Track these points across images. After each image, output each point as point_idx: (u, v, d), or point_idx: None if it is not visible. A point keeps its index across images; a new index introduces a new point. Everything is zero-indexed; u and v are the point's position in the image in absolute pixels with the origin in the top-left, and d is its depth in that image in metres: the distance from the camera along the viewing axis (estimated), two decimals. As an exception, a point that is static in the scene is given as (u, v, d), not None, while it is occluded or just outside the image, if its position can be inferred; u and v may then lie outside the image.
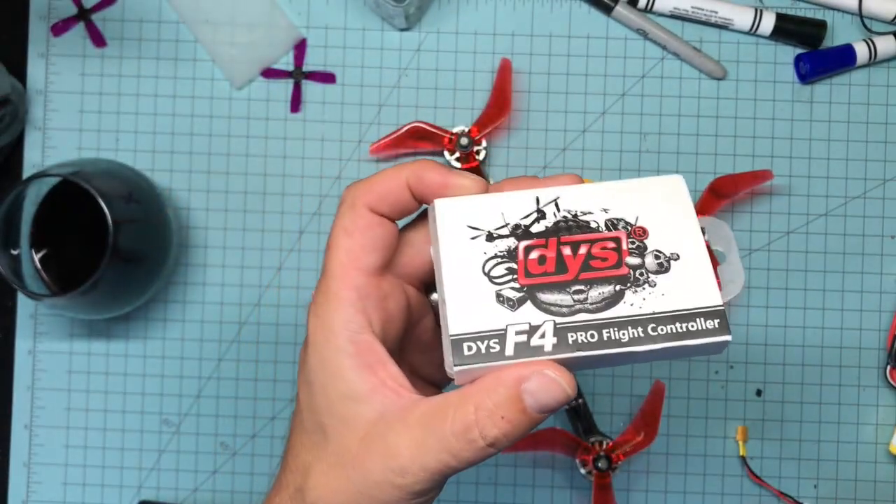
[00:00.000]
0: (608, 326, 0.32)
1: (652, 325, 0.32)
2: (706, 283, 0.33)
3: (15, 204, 0.55)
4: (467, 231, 0.34)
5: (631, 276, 0.33)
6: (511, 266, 0.33)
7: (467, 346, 0.32)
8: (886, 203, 0.63)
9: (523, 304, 0.32)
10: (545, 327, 0.32)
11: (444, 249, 0.33)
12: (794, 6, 0.63)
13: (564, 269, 0.33)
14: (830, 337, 0.62)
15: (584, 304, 0.32)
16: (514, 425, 0.31)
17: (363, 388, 0.33)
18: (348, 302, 0.34)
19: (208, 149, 0.63)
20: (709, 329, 0.32)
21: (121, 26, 0.63)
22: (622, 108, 0.63)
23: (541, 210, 0.34)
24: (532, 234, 0.33)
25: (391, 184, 0.35)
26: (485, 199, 0.35)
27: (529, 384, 0.31)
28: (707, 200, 0.61)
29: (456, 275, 0.33)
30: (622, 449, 0.59)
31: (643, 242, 0.33)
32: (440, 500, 0.62)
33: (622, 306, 0.32)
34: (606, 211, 0.34)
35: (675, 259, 0.33)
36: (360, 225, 0.35)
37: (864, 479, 0.62)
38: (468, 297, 0.33)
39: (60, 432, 0.63)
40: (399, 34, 0.63)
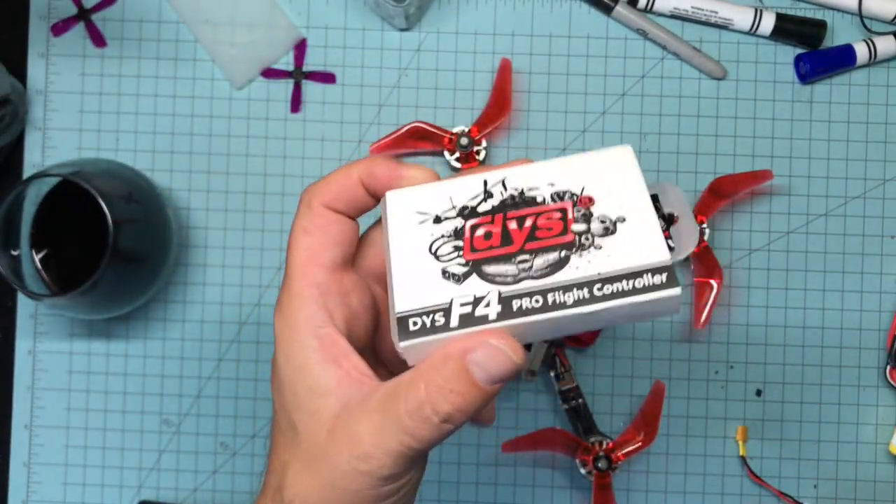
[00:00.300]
0: (553, 290, 0.32)
1: (598, 286, 0.32)
2: (652, 240, 0.32)
3: (15, 204, 0.55)
4: (415, 216, 0.34)
5: (576, 242, 0.33)
6: (457, 244, 0.33)
7: (412, 322, 0.32)
8: (886, 203, 0.63)
9: (468, 278, 0.32)
10: (490, 297, 0.32)
11: (392, 235, 0.34)
12: (794, 6, 0.63)
13: (510, 242, 0.33)
14: (830, 337, 0.62)
15: (529, 271, 0.32)
16: (465, 399, 0.32)
17: (328, 381, 0.33)
18: (310, 298, 0.35)
19: (208, 149, 0.63)
20: (655, 284, 0.32)
21: (121, 26, 0.63)
22: (622, 108, 0.63)
23: (488, 191, 0.34)
24: (478, 213, 0.34)
25: (344, 181, 0.36)
26: (434, 186, 0.35)
27: (475, 355, 0.31)
28: (707, 200, 0.61)
29: (403, 257, 0.33)
30: (622, 449, 0.59)
31: (589, 210, 0.33)
32: (440, 500, 0.62)
33: (568, 270, 0.32)
34: (553, 185, 0.34)
35: (622, 221, 0.33)
36: (318, 223, 0.35)
37: (864, 479, 0.62)
38: (414, 277, 0.33)
39: (60, 432, 0.63)
40: (399, 34, 0.63)
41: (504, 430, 0.62)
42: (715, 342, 0.62)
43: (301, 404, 0.34)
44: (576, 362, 0.62)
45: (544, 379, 0.62)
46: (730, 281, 0.62)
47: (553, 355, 0.61)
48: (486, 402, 0.32)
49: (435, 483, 0.62)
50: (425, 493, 0.62)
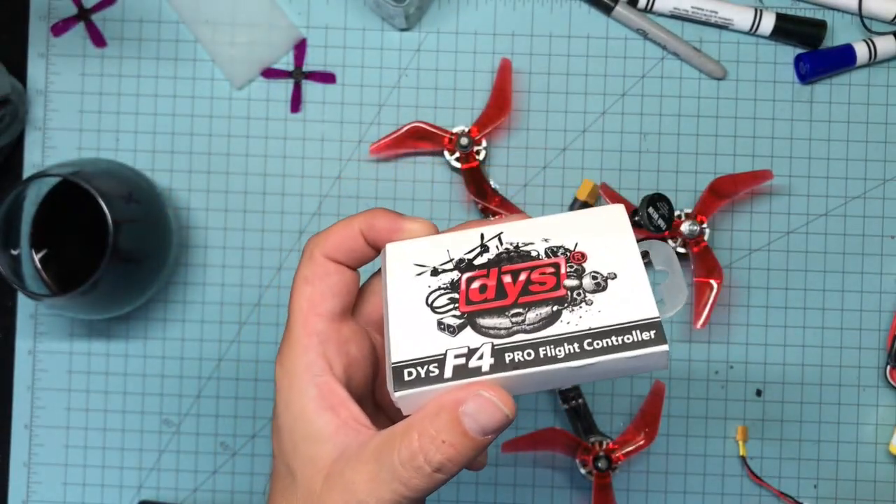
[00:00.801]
0: (544, 344, 0.33)
1: (588, 341, 0.33)
2: (642, 297, 0.33)
3: (15, 204, 0.55)
4: (413, 269, 0.35)
5: (568, 297, 0.34)
6: (453, 296, 0.34)
7: (407, 373, 0.33)
8: (886, 203, 0.63)
9: (463, 330, 0.33)
10: (483, 349, 0.33)
11: (390, 286, 0.35)
12: (794, 6, 0.63)
13: (504, 295, 0.34)
14: (830, 337, 0.62)
15: (522, 325, 0.33)
16: (457, 449, 0.32)
17: (326, 429, 0.34)
18: (310, 347, 0.35)
19: (208, 149, 0.63)
20: (645, 340, 0.32)
21: (121, 26, 0.63)
22: (622, 108, 0.63)
23: (484, 245, 0.35)
24: (475, 266, 0.35)
25: (345, 232, 0.37)
26: (433, 239, 0.36)
27: (467, 406, 0.32)
28: (707, 200, 0.61)
29: (400, 308, 0.34)
30: (622, 449, 0.59)
31: (581, 266, 0.34)
32: (440, 500, 0.62)
33: (559, 325, 0.33)
34: (547, 241, 0.35)
35: (613, 278, 0.34)
36: (318, 273, 0.36)
37: (864, 479, 0.62)
38: (411, 328, 0.34)
39: (60, 432, 0.63)
40: (399, 34, 0.63)
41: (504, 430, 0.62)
42: (715, 342, 0.62)
43: (298, 451, 0.34)
44: (576, 362, 0.62)
45: (544, 379, 0.62)
46: (730, 281, 0.62)
47: (553, 355, 0.61)
48: (478, 453, 0.33)
49: (435, 483, 0.62)
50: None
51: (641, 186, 0.63)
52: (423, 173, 0.63)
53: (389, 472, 0.32)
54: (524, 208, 0.62)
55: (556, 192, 0.63)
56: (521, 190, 0.63)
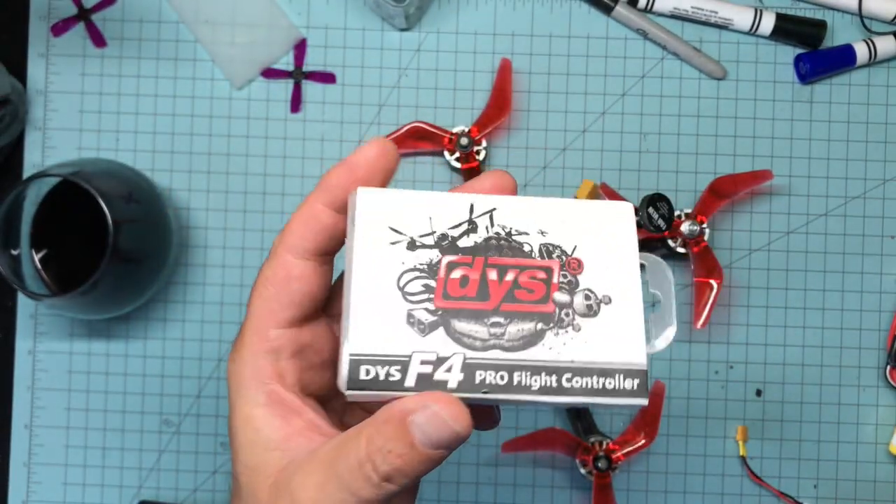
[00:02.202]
0: (521, 370, 0.29)
1: (567, 375, 0.30)
2: (634, 336, 0.30)
3: (15, 204, 0.55)
4: (388, 234, 0.30)
5: (556, 316, 0.30)
6: (429, 283, 0.30)
7: (365, 370, 0.29)
8: (886, 203, 0.63)
9: (435, 330, 0.29)
10: (453, 360, 0.29)
11: (357, 251, 0.30)
12: (794, 6, 0.63)
13: (486, 297, 0.30)
14: (830, 337, 0.62)
15: (500, 339, 0.29)
16: (405, 461, 0.29)
17: (274, 436, 0.32)
18: (259, 353, 0.33)
19: (208, 149, 0.63)
20: (626, 390, 0.30)
21: (121, 26, 0.63)
22: (622, 108, 0.63)
23: (473, 221, 0.31)
24: (459, 248, 0.30)
25: (305, 214, 0.33)
26: (414, 197, 0.32)
27: (416, 417, 0.29)
28: (707, 200, 0.61)
29: (366, 284, 0.30)
30: (622, 449, 0.59)
31: (576, 278, 0.31)
32: (440, 500, 0.62)
33: (540, 348, 0.30)
34: (544, 234, 0.31)
35: (607, 303, 0.31)
36: (280, 276, 0.33)
37: (864, 479, 0.62)
38: (376, 313, 0.29)
39: (60, 432, 0.63)
40: (399, 34, 0.63)
41: (504, 430, 0.62)
42: (715, 342, 0.62)
43: (243, 457, 0.32)
44: (576, 362, 0.62)
45: (544, 379, 0.62)
46: (730, 281, 0.62)
47: (553, 355, 0.61)
48: (431, 466, 0.30)
49: (435, 483, 0.62)
50: (425, 493, 0.62)
51: (641, 186, 0.63)
52: (423, 173, 0.63)
53: (337, 481, 0.30)
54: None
55: (557, 192, 0.63)
56: (522, 190, 0.63)
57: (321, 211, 0.32)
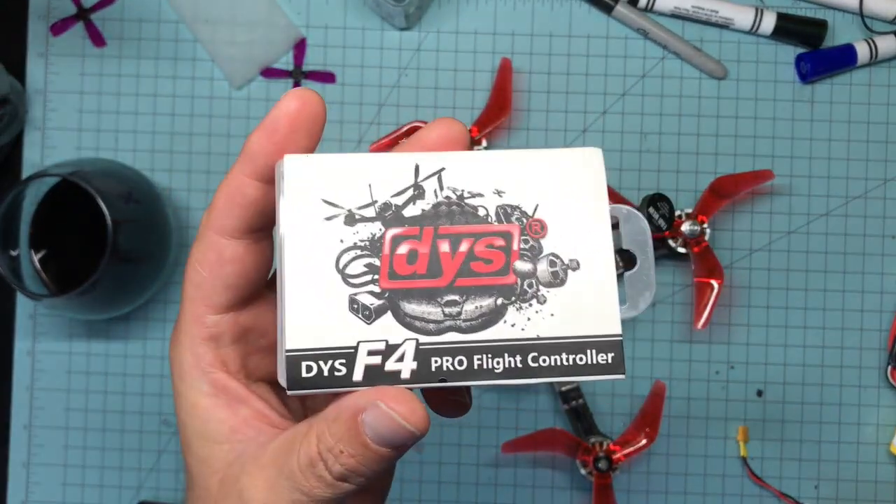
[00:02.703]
0: (481, 352, 0.26)
1: (533, 355, 0.27)
2: (605, 305, 0.27)
3: (14, 204, 0.55)
4: (322, 208, 0.27)
5: (517, 288, 0.27)
6: (373, 262, 0.26)
7: (306, 367, 0.26)
8: (887, 203, 0.63)
9: (382, 316, 0.26)
10: (405, 348, 0.26)
11: (288, 231, 0.26)
12: (795, 6, 0.63)
13: (438, 272, 0.27)
14: (831, 337, 0.62)
15: (457, 319, 0.26)
16: (358, 460, 0.27)
17: (220, 429, 0.30)
18: (198, 339, 0.30)
19: (208, 148, 0.63)
20: (600, 364, 0.27)
21: (120, 26, 0.63)
22: (623, 108, 0.63)
23: (419, 185, 0.27)
24: (405, 218, 0.27)
25: (230, 188, 0.29)
26: (349, 161, 0.28)
27: (366, 416, 0.26)
28: (708, 200, 0.60)
29: (301, 269, 0.26)
30: (623, 450, 0.59)
31: (539, 242, 0.27)
32: (440, 500, 0.62)
33: (501, 326, 0.26)
34: (501, 194, 0.27)
35: (574, 269, 0.28)
36: (210, 259, 0.30)
37: (865, 479, 0.62)
38: (314, 301, 0.26)
39: (59, 433, 0.62)
40: (399, 33, 0.63)
41: (504, 431, 0.62)
42: (716, 342, 0.62)
43: (192, 449, 0.30)
44: (576, 362, 0.62)
45: (544, 379, 0.62)
46: (731, 281, 0.62)
47: (553, 355, 0.60)
48: (386, 465, 0.28)
49: (435, 483, 0.62)
50: (426, 493, 0.62)
51: (642, 186, 0.63)
52: (423, 173, 0.63)
53: (289, 480, 0.28)
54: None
55: (557, 191, 0.63)
56: (522, 190, 0.63)
57: (246, 183, 0.29)
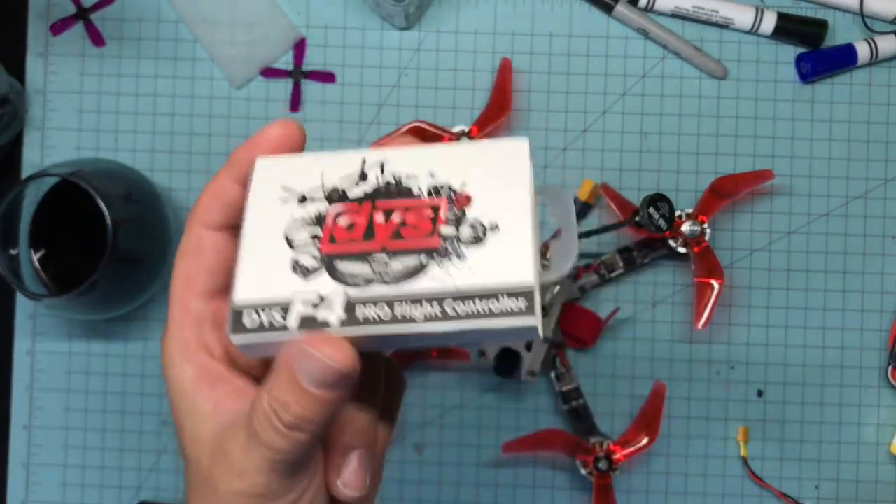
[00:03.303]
0: (402, 301, 0.29)
1: (450, 303, 0.29)
2: (521, 257, 0.29)
3: (14, 204, 0.55)
4: (279, 192, 0.31)
5: (441, 248, 0.29)
6: (316, 232, 0.30)
7: (250, 317, 0.29)
8: (888, 203, 0.63)
9: (318, 273, 0.29)
10: (334, 299, 0.29)
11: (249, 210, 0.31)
12: (796, 6, 0.63)
13: (371, 237, 0.30)
14: (832, 337, 0.62)
15: (383, 276, 0.29)
16: (303, 407, 0.30)
17: (206, 407, 0.33)
18: (184, 325, 0.34)
19: (208, 148, 0.63)
20: (512, 310, 0.28)
21: (120, 25, 0.63)
22: (623, 108, 0.63)
23: (364, 172, 0.31)
24: (347, 198, 0.31)
25: (214, 188, 0.34)
26: (310, 158, 0.32)
27: (298, 363, 0.29)
28: (708, 200, 0.60)
29: (254, 239, 0.30)
30: (623, 450, 0.59)
31: (463, 211, 0.30)
32: (440, 500, 0.62)
33: (423, 280, 0.29)
34: (433, 176, 0.31)
35: (494, 230, 0.30)
36: (193, 247, 0.34)
37: (866, 479, 0.62)
38: (262, 264, 0.30)
39: (59, 433, 0.62)
40: (399, 33, 0.63)
41: (505, 431, 0.62)
42: (716, 342, 0.62)
43: (185, 428, 0.33)
44: (576, 363, 0.62)
45: (545, 380, 0.62)
46: (731, 281, 0.62)
47: (553, 356, 0.60)
48: (332, 409, 0.31)
49: (435, 484, 0.62)
50: (426, 493, 0.62)
51: (642, 186, 0.63)
52: (423, 173, 0.63)
53: (254, 438, 0.31)
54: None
55: (557, 191, 0.63)
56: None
57: (229, 186, 0.34)
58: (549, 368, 0.61)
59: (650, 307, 0.62)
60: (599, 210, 0.63)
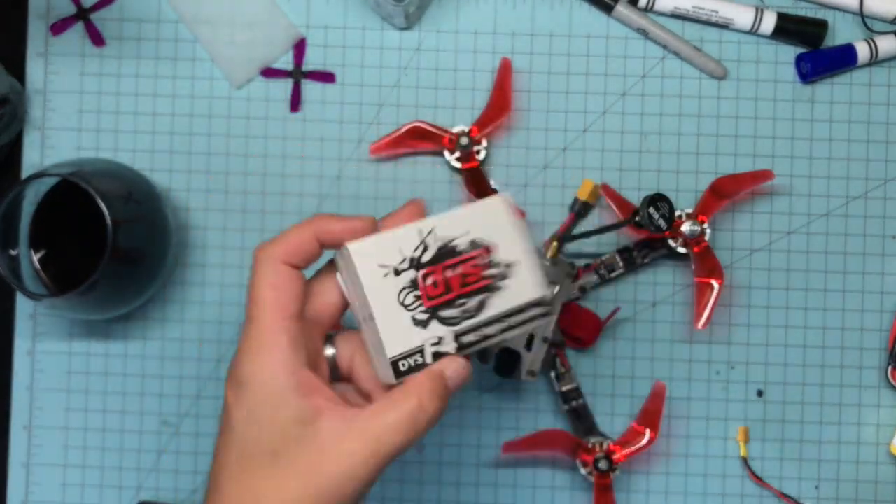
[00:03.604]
0: (484, 326, 0.44)
1: (508, 319, 0.44)
2: (534, 281, 0.44)
3: (14, 204, 0.55)
4: (379, 269, 0.42)
5: (491, 286, 0.44)
6: (417, 294, 0.43)
7: (402, 364, 0.42)
8: (888, 203, 0.63)
9: (430, 323, 0.43)
10: (446, 336, 0.43)
11: (367, 287, 0.42)
12: (795, 6, 0.63)
13: (450, 289, 0.43)
14: (831, 337, 0.62)
15: (468, 312, 0.43)
16: (443, 400, 0.42)
17: (310, 413, 0.40)
18: (287, 346, 0.40)
19: (207, 148, 0.63)
20: (537, 315, 0.45)
21: (120, 25, 0.63)
22: (623, 108, 0.63)
23: (424, 242, 0.43)
24: (423, 263, 0.43)
25: (301, 237, 0.42)
26: (382, 238, 0.43)
27: (447, 371, 0.42)
28: (708, 200, 0.60)
29: (382, 308, 0.42)
30: (623, 450, 0.59)
31: (493, 257, 0.44)
32: (440, 500, 0.62)
33: (489, 309, 0.44)
34: (468, 233, 0.44)
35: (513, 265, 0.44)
36: (283, 279, 0.41)
37: (866, 479, 0.62)
38: (394, 325, 0.42)
39: (59, 433, 0.62)
40: (399, 33, 0.63)
41: (505, 431, 0.62)
42: (716, 342, 0.62)
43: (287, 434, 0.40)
44: (576, 363, 0.62)
45: (545, 380, 0.62)
46: (731, 281, 0.62)
47: (553, 356, 0.61)
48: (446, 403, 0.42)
49: (435, 484, 0.62)
50: (426, 493, 0.62)
51: (642, 186, 0.63)
52: (423, 173, 0.63)
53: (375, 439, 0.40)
54: (525, 208, 0.62)
55: (557, 191, 0.63)
56: (522, 190, 0.63)
57: (313, 241, 0.42)
58: (549, 368, 0.61)
59: (650, 307, 0.62)
60: (599, 210, 0.63)
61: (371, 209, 0.62)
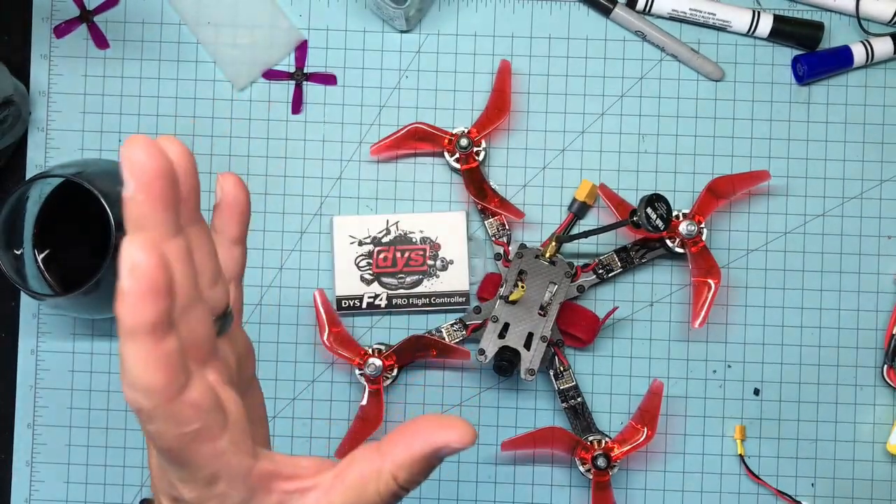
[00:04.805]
0: (412, 297, 0.61)
1: (433, 298, 0.61)
2: (461, 278, 0.61)
3: (18, 204, 0.56)
4: (348, 238, 0.61)
5: (428, 271, 0.61)
6: (369, 261, 0.61)
7: (344, 301, 0.61)
8: (883, 203, 0.63)
9: (373, 282, 0.61)
10: (382, 295, 0.61)
11: (336, 249, 0.61)
12: (792, 8, 0.64)
13: (396, 265, 0.61)
14: (828, 336, 0.63)
15: (402, 284, 0.61)
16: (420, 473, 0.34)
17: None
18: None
19: (210, 150, 0.64)
20: (459, 302, 0.62)
21: (123, 28, 0.64)
22: (621, 110, 0.63)
23: (388, 228, 0.61)
24: (382, 242, 0.61)
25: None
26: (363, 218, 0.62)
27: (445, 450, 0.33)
28: (705, 201, 0.61)
29: (341, 263, 0.61)
30: (621, 447, 0.60)
31: (437, 252, 0.61)
32: (440, 498, 0.62)
33: (422, 287, 0.61)
34: (422, 231, 0.62)
35: (451, 263, 0.62)
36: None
37: (862, 477, 0.62)
38: (347, 277, 0.61)
39: (63, 431, 0.63)
40: (399, 36, 0.64)
41: (503, 429, 0.62)
42: (713, 341, 0.63)
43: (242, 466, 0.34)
44: (575, 361, 0.63)
45: (543, 378, 0.62)
46: (727, 281, 0.62)
47: (552, 354, 0.61)
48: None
49: (435, 481, 0.62)
50: (425, 491, 0.62)
51: (640, 187, 0.63)
52: (424, 174, 0.63)
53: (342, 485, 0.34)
54: (523, 209, 0.63)
55: (556, 192, 0.63)
56: (521, 190, 0.63)
57: None
58: (547, 367, 0.61)
59: (648, 306, 0.63)
60: (598, 210, 0.63)
61: (371, 209, 0.63)
